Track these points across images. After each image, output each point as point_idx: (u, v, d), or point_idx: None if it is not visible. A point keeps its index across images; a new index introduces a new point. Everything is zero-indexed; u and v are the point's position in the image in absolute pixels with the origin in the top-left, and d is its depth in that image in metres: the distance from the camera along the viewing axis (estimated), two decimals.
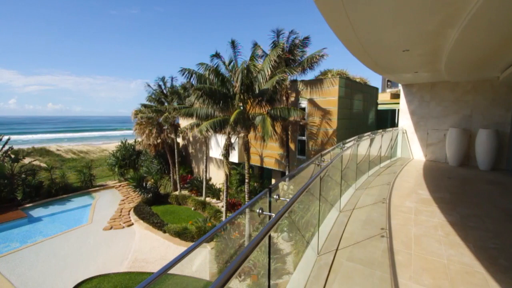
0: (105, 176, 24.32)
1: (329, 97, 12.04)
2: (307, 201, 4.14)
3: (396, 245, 3.73)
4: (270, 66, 10.58)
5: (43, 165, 23.46)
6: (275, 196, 2.17)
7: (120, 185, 21.61)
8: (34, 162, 22.33)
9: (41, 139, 58.39)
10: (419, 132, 10.97)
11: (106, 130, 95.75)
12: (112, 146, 31.80)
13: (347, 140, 5.77)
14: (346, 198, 5.76)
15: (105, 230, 14.02)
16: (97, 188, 20.96)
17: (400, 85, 11.55)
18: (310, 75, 24.06)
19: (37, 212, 16.40)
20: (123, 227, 14.34)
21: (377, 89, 16.30)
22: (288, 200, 2.03)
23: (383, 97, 16.73)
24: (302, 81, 13.10)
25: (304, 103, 13.13)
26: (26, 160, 21.14)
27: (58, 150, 33.39)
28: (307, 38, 12.76)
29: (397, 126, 12.53)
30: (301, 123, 13.00)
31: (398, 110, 12.35)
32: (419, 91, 10.87)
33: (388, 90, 19.81)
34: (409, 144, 11.24)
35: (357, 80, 15.22)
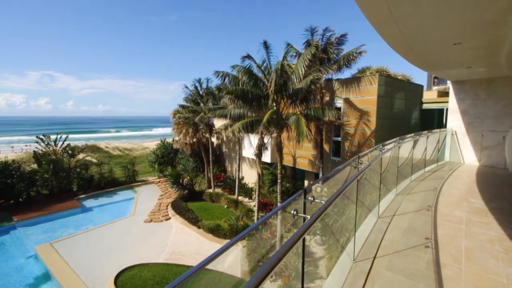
0: (146, 172, 26.11)
1: (367, 96, 11.44)
2: (342, 204, 3.98)
3: (444, 258, 3.40)
4: (304, 65, 10.38)
5: (94, 160, 25.99)
6: (309, 198, 2.12)
7: (159, 181, 23.04)
8: (87, 158, 24.85)
9: (92, 137, 64.72)
10: (472, 133, 9.88)
11: (148, 129, 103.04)
12: (152, 144, 34.04)
13: (387, 142, 5.42)
14: (385, 203, 5.42)
15: (146, 223, 15.06)
16: (139, 183, 22.62)
17: (449, 82, 10.55)
18: (346, 74, 23.10)
19: (88, 203, 18.24)
20: (162, 221, 15.26)
21: (422, 87, 15.06)
22: (323, 202, 1.97)
23: (429, 96, 15.40)
24: (337, 80, 12.64)
25: (339, 103, 12.65)
26: (80, 156, 23.66)
27: (106, 147, 36.70)
28: (344, 35, 12.28)
29: (445, 127, 11.45)
30: (336, 123, 12.55)
31: (447, 109, 11.27)
32: (472, 88, 9.79)
33: (435, 88, 18.23)
34: (459, 147, 10.19)
35: (399, 77, 14.22)
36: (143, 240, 13.05)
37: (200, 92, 20.15)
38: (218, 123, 19.71)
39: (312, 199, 2.12)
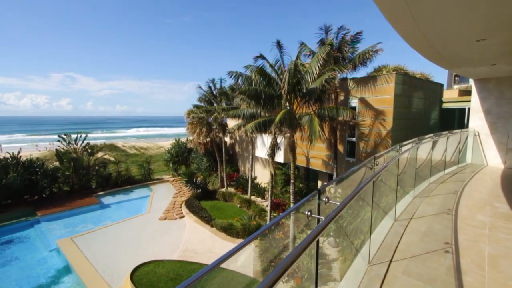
0: (161, 171, 26.70)
1: (383, 95, 11.14)
2: (357, 206, 3.90)
3: (465, 264, 3.26)
4: (318, 64, 10.24)
5: (111, 159, 26.88)
6: (324, 199, 2.09)
7: (173, 180, 23.50)
8: (105, 156, 25.74)
9: (110, 136, 66.87)
10: (496, 134, 9.41)
11: (163, 128, 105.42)
12: (167, 143, 34.75)
13: (405, 143, 5.26)
14: (402, 206, 5.26)
15: (161, 220, 15.41)
16: (155, 181, 23.17)
17: (471, 80, 10.09)
18: (362, 72, 22.69)
19: (106, 200, 18.89)
20: (176, 219, 15.56)
21: (441, 85, 14.49)
22: (338, 203, 1.94)
23: (450, 94, 14.80)
24: (352, 79, 12.38)
25: (354, 102, 12.40)
26: (99, 154, 24.53)
27: (123, 146, 37.85)
28: (359, 33, 12.00)
29: (466, 127, 10.96)
30: (350, 123, 12.30)
31: (469, 108, 10.79)
32: (497, 87, 9.31)
33: (456, 87, 17.53)
34: (482, 149, 9.73)
35: (417, 76, 13.75)
36: (158, 237, 13.36)
37: (214, 92, 20.32)
38: (232, 123, 19.83)
39: (326, 200, 2.09)
